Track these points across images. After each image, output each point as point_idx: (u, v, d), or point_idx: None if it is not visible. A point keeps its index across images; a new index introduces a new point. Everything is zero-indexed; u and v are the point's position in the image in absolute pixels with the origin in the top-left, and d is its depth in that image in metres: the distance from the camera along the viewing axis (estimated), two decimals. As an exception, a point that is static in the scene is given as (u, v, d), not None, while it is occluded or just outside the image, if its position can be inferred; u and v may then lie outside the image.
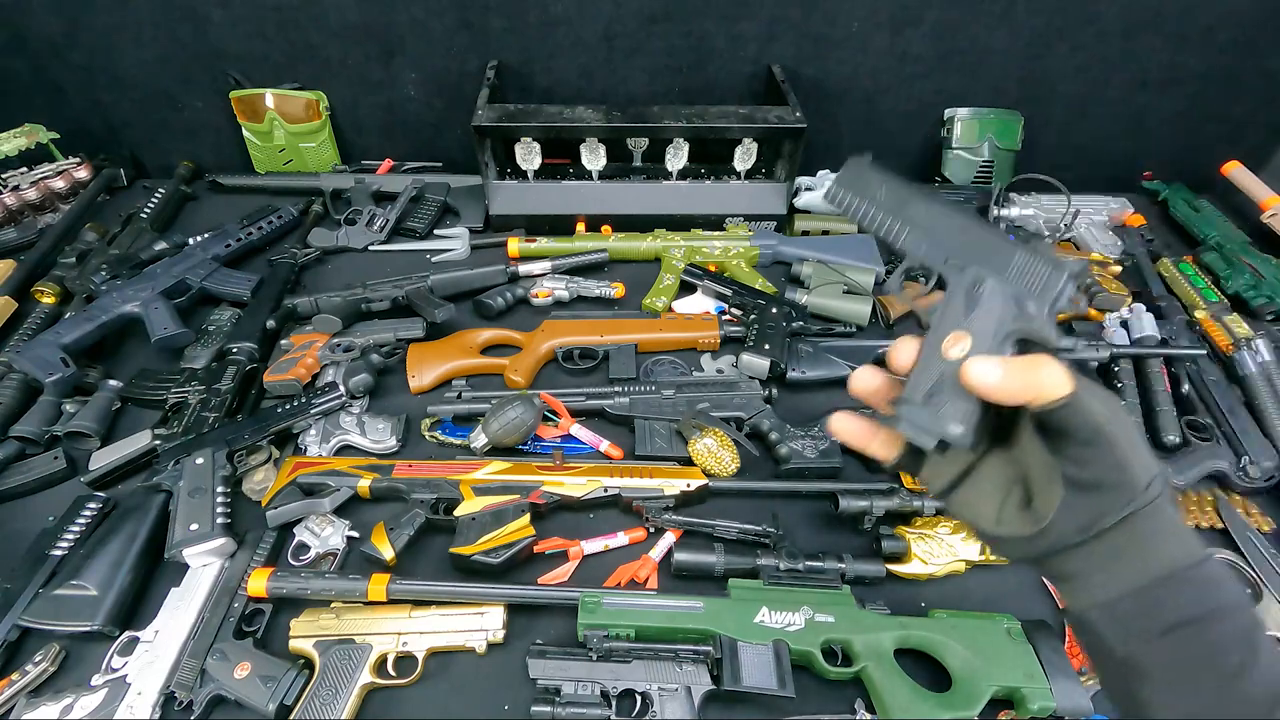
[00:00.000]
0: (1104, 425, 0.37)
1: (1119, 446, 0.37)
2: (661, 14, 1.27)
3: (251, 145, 1.42)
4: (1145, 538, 0.37)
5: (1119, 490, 0.37)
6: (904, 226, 0.45)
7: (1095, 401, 0.37)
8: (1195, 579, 0.37)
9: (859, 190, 0.46)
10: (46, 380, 0.95)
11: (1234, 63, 1.32)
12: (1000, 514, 0.41)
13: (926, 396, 0.42)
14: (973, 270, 0.43)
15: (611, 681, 0.70)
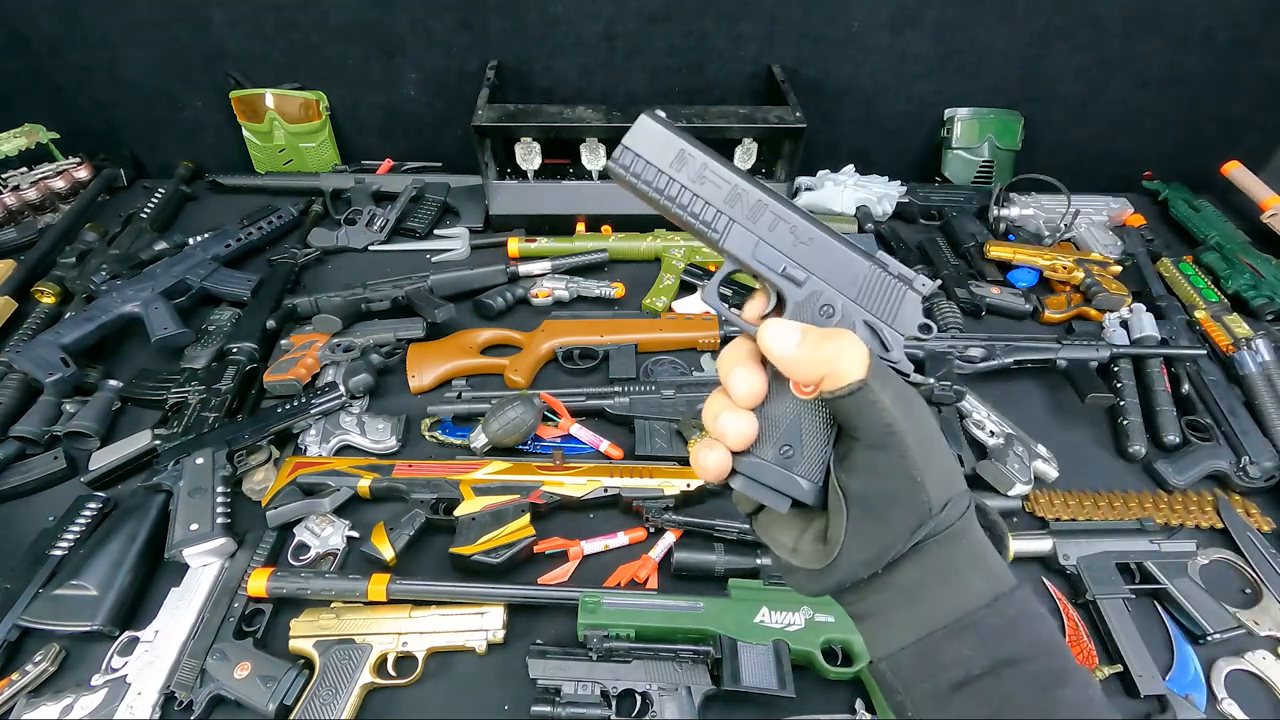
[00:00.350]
0: (894, 425, 0.31)
1: (910, 454, 0.31)
2: (661, 14, 1.27)
3: (251, 145, 1.42)
4: (937, 572, 0.32)
5: (907, 508, 0.31)
6: (727, 220, 0.36)
7: (887, 395, 0.31)
8: (990, 623, 0.31)
9: (661, 158, 0.36)
10: (46, 380, 0.95)
11: (1234, 63, 1.32)
12: (798, 542, 0.35)
13: (780, 448, 0.35)
14: (816, 286, 0.36)
15: (611, 681, 0.70)
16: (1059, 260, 1.20)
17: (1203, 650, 0.78)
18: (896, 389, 0.32)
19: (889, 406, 0.31)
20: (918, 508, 0.31)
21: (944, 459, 0.33)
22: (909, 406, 0.32)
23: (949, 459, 0.33)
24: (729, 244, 0.36)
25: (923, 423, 0.33)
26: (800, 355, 0.33)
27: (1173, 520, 0.88)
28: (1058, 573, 0.84)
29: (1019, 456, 0.89)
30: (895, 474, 0.31)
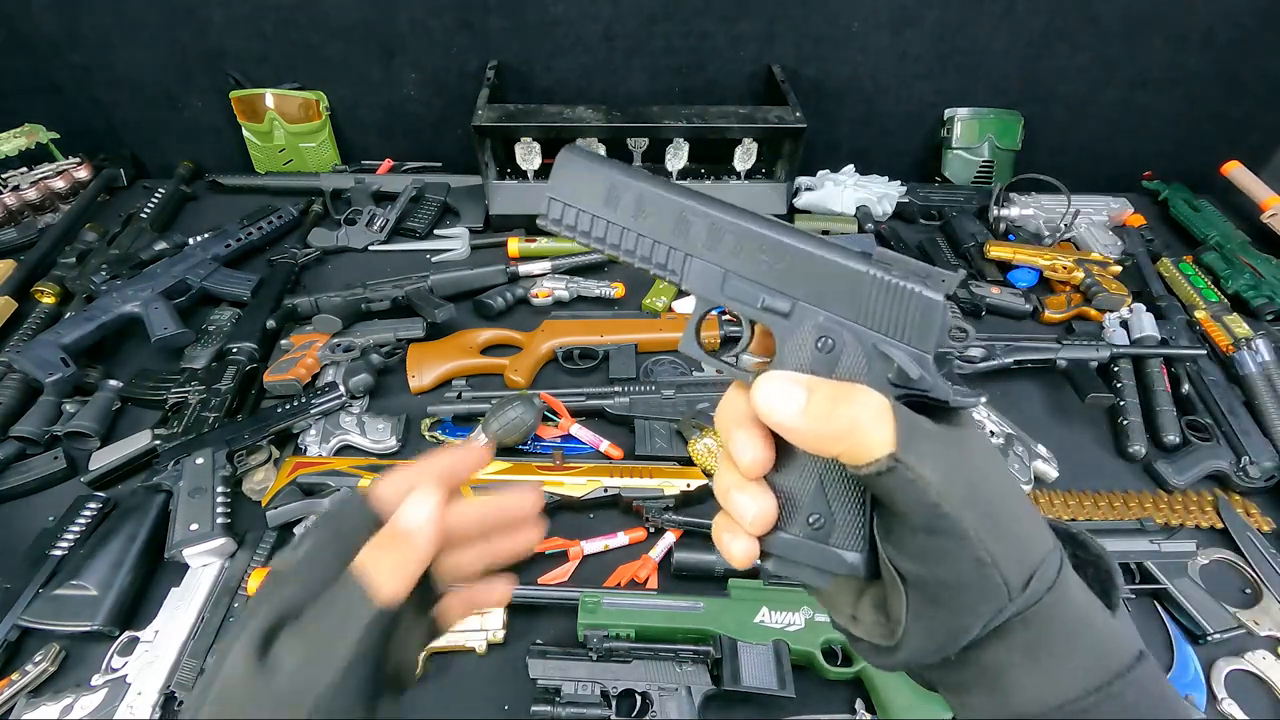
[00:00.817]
0: (943, 504, 0.25)
1: (970, 535, 0.25)
2: (661, 14, 1.27)
3: (251, 145, 1.42)
4: (1025, 652, 0.27)
5: (977, 595, 0.26)
6: (682, 255, 0.31)
7: (927, 466, 0.25)
8: (1099, 712, 0.26)
9: (591, 200, 0.31)
10: (46, 380, 0.95)
11: (1234, 63, 1.32)
12: (856, 609, 0.30)
13: (808, 519, 0.29)
14: (807, 314, 0.29)
15: (611, 681, 0.70)
16: (1059, 260, 1.20)
17: (1203, 650, 0.78)
18: (939, 451, 0.26)
19: (933, 482, 0.25)
20: (992, 593, 0.26)
21: (1020, 522, 0.27)
22: (960, 469, 0.26)
23: (1027, 519, 0.27)
24: (691, 284, 0.31)
25: (984, 484, 0.26)
26: (806, 426, 0.27)
27: (1173, 520, 0.88)
28: (1058, 573, 0.84)
29: (1019, 456, 0.89)
30: (956, 559, 0.26)
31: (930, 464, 0.25)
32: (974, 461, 0.27)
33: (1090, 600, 0.28)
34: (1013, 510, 0.27)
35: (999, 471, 0.28)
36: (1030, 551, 0.27)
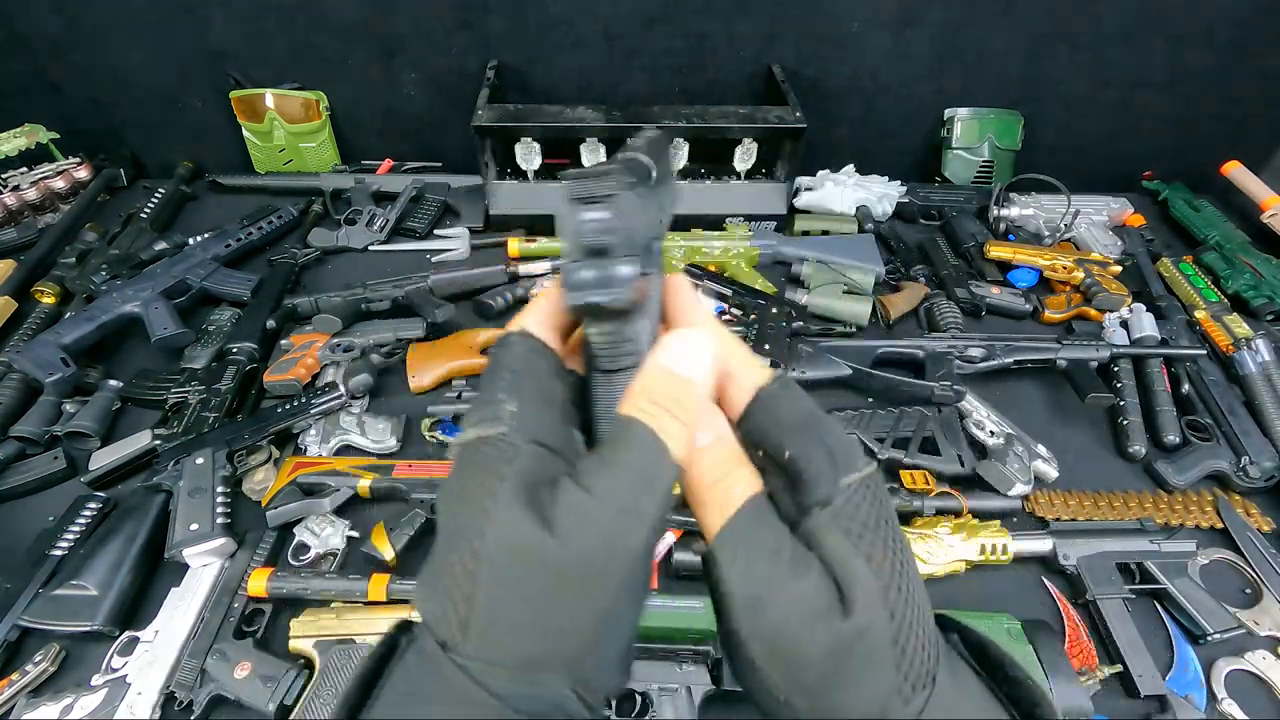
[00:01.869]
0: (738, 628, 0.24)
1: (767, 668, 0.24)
2: (661, 14, 1.27)
3: (251, 145, 1.42)
4: None
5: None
6: None
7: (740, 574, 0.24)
8: None
9: None
10: (46, 380, 0.95)
11: (1234, 63, 1.32)
12: None
13: None
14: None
15: (611, 681, 0.70)
16: (1059, 260, 1.20)
17: (1203, 650, 0.78)
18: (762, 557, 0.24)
19: (733, 592, 0.24)
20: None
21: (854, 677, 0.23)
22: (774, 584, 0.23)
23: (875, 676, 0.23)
24: None
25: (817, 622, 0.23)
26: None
27: (1173, 520, 0.88)
28: (1058, 573, 0.84)
29: (1019, 456, 0.89)
30: (755, 682, 0.24)
31: (741, 574, 0.24)
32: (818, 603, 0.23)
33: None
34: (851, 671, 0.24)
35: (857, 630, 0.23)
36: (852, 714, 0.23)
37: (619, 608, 0.23)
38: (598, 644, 0.23)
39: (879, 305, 1.14)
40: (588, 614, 0.22)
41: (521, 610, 0.22)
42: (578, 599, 0.22)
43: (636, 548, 0.22)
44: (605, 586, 0.22)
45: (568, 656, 0.22)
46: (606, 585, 0.22)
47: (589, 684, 0.23)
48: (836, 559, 0.24)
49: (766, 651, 0.23)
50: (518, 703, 0.21)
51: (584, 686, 0.22)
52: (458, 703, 0.22)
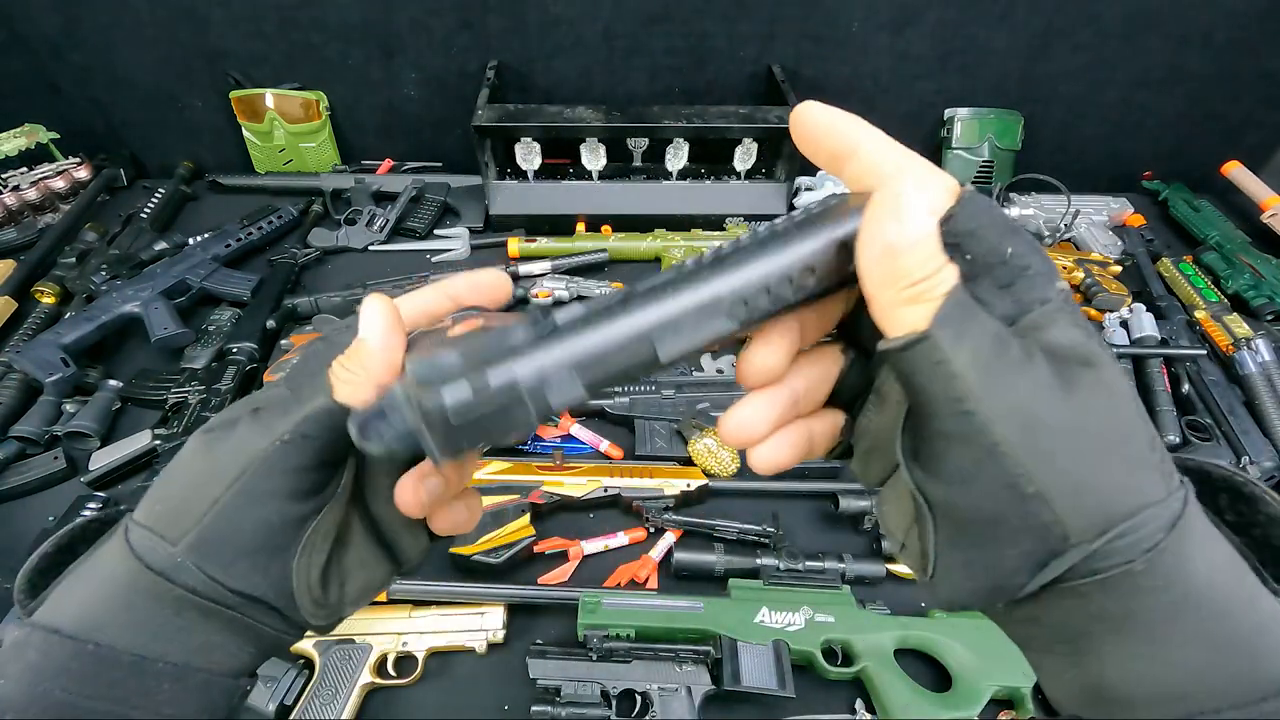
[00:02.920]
0: (969, 403, 0.21)
1: (1004, 452, 0.20)
2: (661, 14, 1.27)
3: (251, 145, 1.42)
4: (1126, 626, 0.21)
5: (1018, 531, 0.21)
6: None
7: (968, 355, 0.21)
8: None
9: None
10: (46, 380, 0.95)
11: (1234, 63, 1.32)
12: (906, 535, 0.26)
13: None
14: None
15: (611, 681, 0.70)
16: (1059, 260, 1.20)
17: (1203, 650, 0.77)
18: (990, 346, 0.21)
19: (962, 371, 0.21)
20: (1037, 532, 0.21)
21: (1110, 463, 0.20)
22: (1019, 376, 0.21)
23: (1128, 463, 0.21)
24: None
25: (1059, 408, 0.20)
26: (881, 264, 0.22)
27: (1173, 520, 0.88)
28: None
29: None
30: (989, 480, 0.21)
31: (970, 351, 0.21)
32: (1054, 367, 0.21)
33: (1239, 583, 0.21)
34: (1105, 449, 0.21)
35: (1104, 408, 0.21)
36: (1114, 498, 0.20)
37: (231, 498, 0.27)
38: (208, 525, 0.27)
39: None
40: (199, 501, 0.27)
41: (168, 489, 0.28)
42: (199, 484, 0.27)
43: (246, 451, 0.27)
44: (218, 477, 0.27)
45: (181, 528, 0.27)
46: (219, 476, 0.27)
47: (206, 560, 0.27)
48: (1073, 343, 0.21)
49: (1016, 429, 0.20)
50: (143, 553, 0.27)
51: (201, 561, 0.27)
52: (118, 563, 0.27)
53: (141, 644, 0.27)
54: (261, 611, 0.29)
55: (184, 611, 0.27)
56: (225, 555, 0.27)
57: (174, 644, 0.28)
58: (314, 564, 0.29)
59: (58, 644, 0.26)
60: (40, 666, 0.25)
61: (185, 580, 0.27)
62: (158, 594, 0.27)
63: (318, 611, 0.30)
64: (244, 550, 0.27)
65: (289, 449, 0.27)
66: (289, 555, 0.28)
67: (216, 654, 0.29)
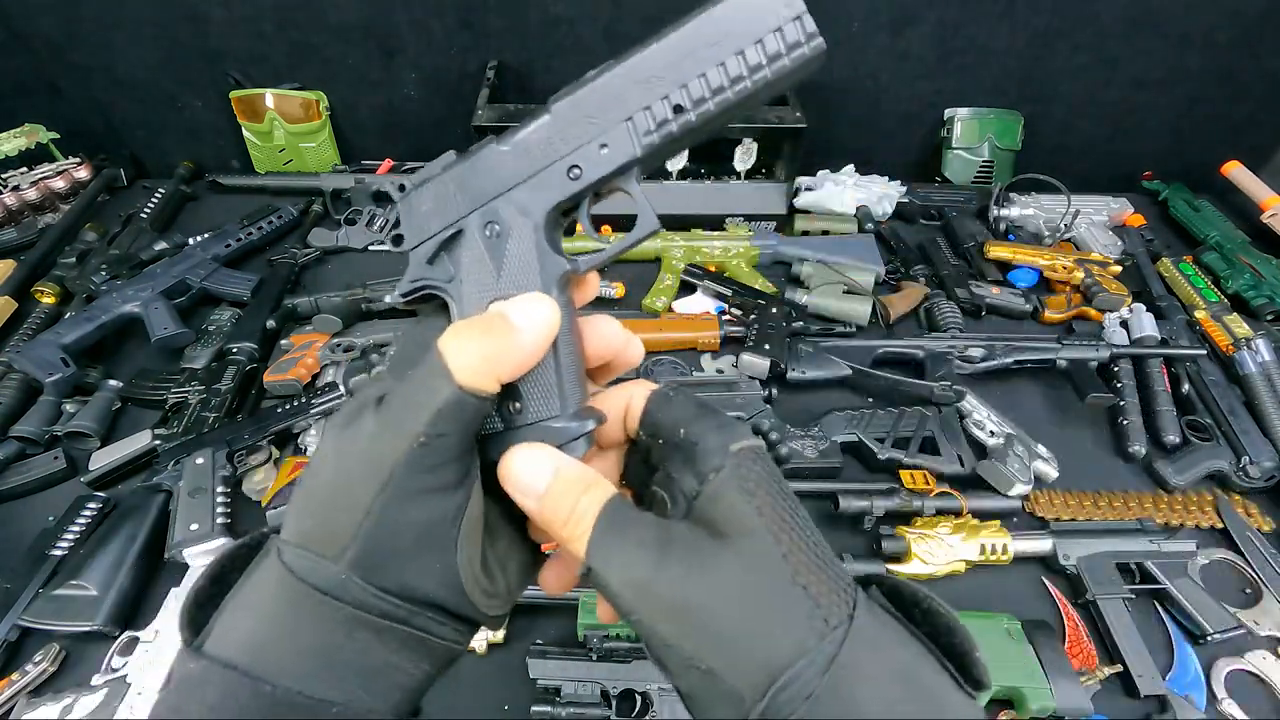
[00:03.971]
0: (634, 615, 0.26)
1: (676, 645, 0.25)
2: (661, 14, 1.26)
3: (251, 145, 1.42)
4: None
5: (713, 702, 0.25)
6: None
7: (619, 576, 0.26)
8: None
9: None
10: (46, 380, 0.95)
11: (1234, 63, 1.32)
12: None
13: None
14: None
15: (611, 681, 0.70)
16: (1059, 260, 1.20)
17: (1203, 650, 0.78)
18: (637, 557, 0.26)
19: (619, 591, 0.26)
20: (729, 701, 0.24)
21: (758, 624, 0.24)
22: (664, 572, 0.25)
23: (772, 617, 0.24)
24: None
25: (699, 585, 0.25)
26: (539, 511, 0.28)
27: (1173, 520, 0.88)
28: (1058, 573, 0.84)
29: (1019, 456, 0.89)
30: (679, 666, 0.25)
31: (619, 571, 0.26)
32: (691, 559, 0.25)
33: (919, 694, 0.24)
34: (753, 615, 0.24)
35: (737, 567, 0.25)
36: (768, 658, 0.24)
37: (383, 506, 0.26)
38: (366, 537, 0.26)
39: (879, 305, 1.14)
40: (350, 511, 0.26)
41: (313, 504, 0.27)
42: (346, 498, 0.26)
43: (386, 455, 0.26)
44: (363, 486, 0.26)
45: (339, 544, 0.26)
46: (364, 484, 0.26)
47: (372, 573, 0.26)
48: (729, 514, 0.26)
49: (674, 623, 0.25)
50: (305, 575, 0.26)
51: (366, 575, 0.26)
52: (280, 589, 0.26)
53: (315, 671, 0.26)
54: (434, 619, 0.28)
55: (356, 632, 0.26)
56: (390, 565, 0.26)
57: (350, 670, 0.26)
58: (474, 554, 0.29)
59: (236, 682, 0.25)
60: (220, 707, 0.24)
61: (354, 597, 0.26)
62: (326, 616, 0.26)
63: (491, 602, 0.29)
64: (407, 556, 0.27)
65: (428, 450, 0.26)
66: (450, 551, 0.27)
67: (394, 675, 0.27)
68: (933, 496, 0.86)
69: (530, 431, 0.30)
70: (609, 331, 0.33)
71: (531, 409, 0.29)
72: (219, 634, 0.26)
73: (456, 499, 0.27)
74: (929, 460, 0.91)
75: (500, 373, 0.27)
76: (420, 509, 0.26)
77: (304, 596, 0.26)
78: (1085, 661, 0.75)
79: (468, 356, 0.26)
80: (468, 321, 0.28)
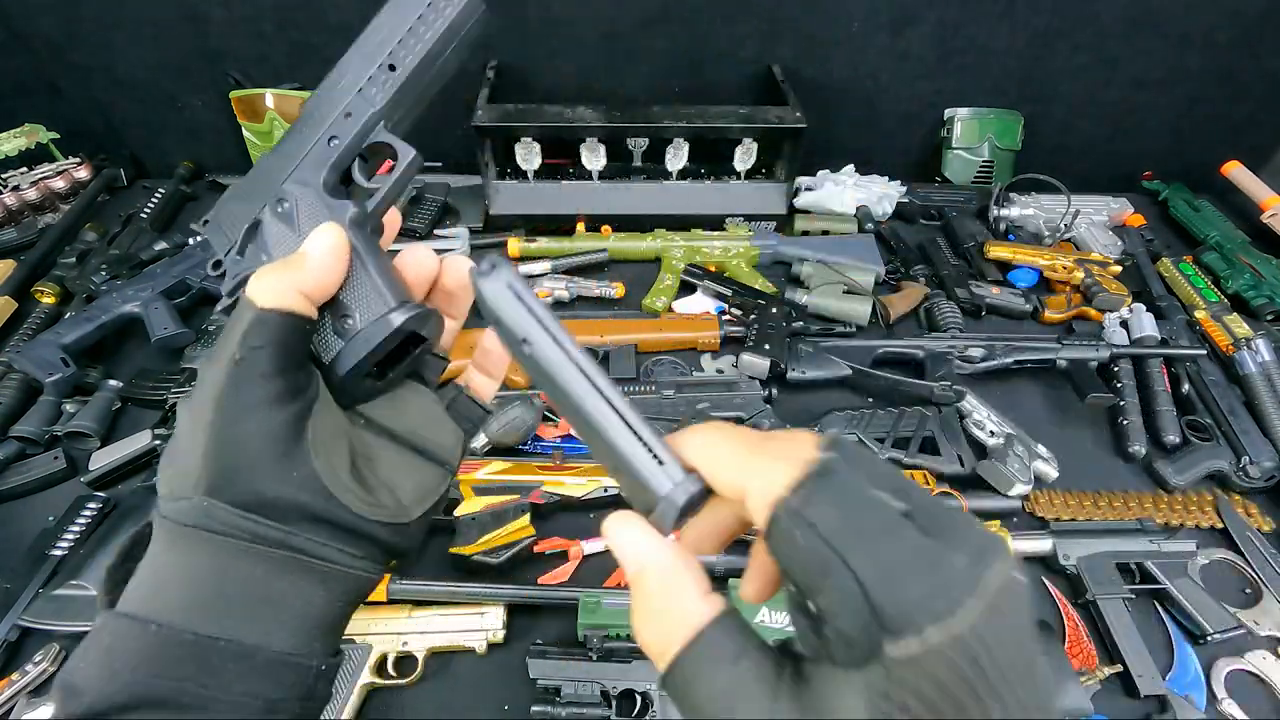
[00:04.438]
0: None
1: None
2: (661, 14, 1.26)
3: (251, 145, 1.42)
4: None
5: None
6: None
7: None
8: None
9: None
10: (46, 380, 0.95)
11: (1234, 63, 1.32)
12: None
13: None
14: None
15: (611, 681, 0.70)
16: (1059, 260, 1.20)
17: (1203, 650, 0.78)
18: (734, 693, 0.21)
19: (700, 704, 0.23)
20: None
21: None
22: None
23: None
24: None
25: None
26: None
27: (1173, 520, 0.88)
28: (1058, 573, 0.84)
29: (1019, 456, 0.89)
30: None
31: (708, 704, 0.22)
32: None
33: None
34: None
35: None
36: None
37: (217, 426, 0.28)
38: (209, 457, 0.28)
39: (879, 305, 1.14)
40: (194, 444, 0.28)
41: (170, 454, 0.30)
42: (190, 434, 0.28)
43: (211, 382, 0.28)
44: (200, 417, 0.28)
45: (192, 476, 0.28)
46: (201, 415, 0.28)
47: (224, 491, 0.28)
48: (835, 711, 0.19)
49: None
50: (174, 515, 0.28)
51: (219, 493, 0.28)
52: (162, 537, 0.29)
53: (202, 608, 0.27)
54: (313, 538, 0.29)
55: (236, 564, 0.28)
56: (239, 479, 0.28)
57: (236, 603, 0.28)
58: (337, 462, 0.30)
59: (126, 627, 0.27)
60: (113, 649, 0.26)
61: (221, 522, 0.28)
62: (203, 551, 0.28)
63: (375, 510, 0.30)
64: (257, 469, 0.28)
65: (244, 365, 0.28)
66: (304, 460, 0.29)
67: (287, 606, 0.28)
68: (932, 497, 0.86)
69: (358, 339, 0.32)
70: (421, 256, 0.36)
71: (361, 314, 0.33)
72: (125, 594, 0.28)
73: (293, 408, 0.29)
74: (929, 460, 0.91)
75: (301, 287, 0.30)
76: (255, 421, 0.28)
77: (179, 537, 0.28)
78: (1085, 661, 0.75)
79: (264, 282, 0.29)
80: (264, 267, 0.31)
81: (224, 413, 0.28)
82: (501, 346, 0.28)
